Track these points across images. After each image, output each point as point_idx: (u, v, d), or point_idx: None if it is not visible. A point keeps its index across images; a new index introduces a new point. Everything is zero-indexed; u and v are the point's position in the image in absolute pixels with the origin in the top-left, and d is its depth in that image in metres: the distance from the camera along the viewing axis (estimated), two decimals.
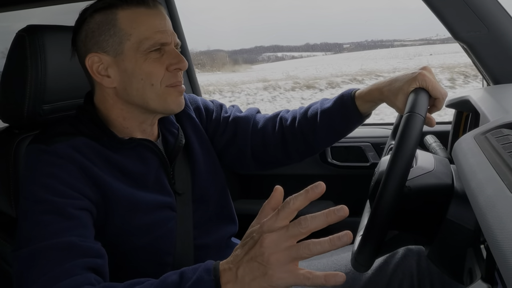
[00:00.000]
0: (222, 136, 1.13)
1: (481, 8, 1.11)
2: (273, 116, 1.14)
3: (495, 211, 0.49)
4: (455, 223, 0.75)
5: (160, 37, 0.90)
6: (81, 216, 0.82)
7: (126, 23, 0.89)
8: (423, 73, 0.90)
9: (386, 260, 1.06)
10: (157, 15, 0.92)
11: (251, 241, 0.63)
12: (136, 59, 0.90)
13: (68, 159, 0.85)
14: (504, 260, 0.42)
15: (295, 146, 1.10)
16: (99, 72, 0.91)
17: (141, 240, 0.92)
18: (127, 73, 0.90)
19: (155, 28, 0.90)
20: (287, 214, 0.61)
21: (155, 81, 0.91)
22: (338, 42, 7.51)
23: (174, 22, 1.78)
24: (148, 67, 0.90)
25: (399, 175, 0.70)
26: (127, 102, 0.94)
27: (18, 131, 1.06)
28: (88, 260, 0.77)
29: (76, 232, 0.79)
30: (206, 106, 1.16)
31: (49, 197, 0.81)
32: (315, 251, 0.59)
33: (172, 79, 0.92)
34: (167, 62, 0.91)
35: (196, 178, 1.05)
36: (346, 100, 1.03)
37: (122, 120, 0.95)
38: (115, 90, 0.93)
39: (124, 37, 0.89)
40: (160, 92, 0.92)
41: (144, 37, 0.89)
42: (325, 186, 0.60)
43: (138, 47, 0.89)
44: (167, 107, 0.94)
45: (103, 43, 0.90)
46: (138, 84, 0.91)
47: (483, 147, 0.67)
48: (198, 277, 0.65)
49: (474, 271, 0.67)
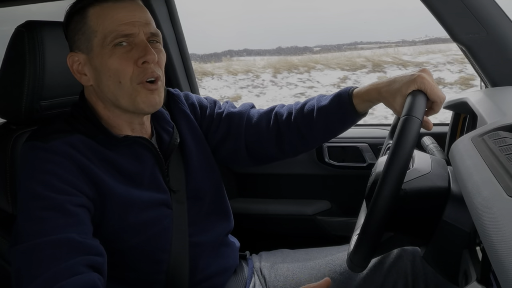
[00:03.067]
0: (216, 132, 1.13)
1: (480, 10, 1.11)
2: (267, 111, 1.14)
3: (491, 213, 0.49)
4: (451, 225, 0.75)
5: (123, 29, 0.88)
6: (79, 212, 0.82)
7: (93, 20, 0.89)
8: (422, 76, 0.89)
9: (381, 260, 1.07)
10: (124, 7, 0.90)
11: None
12: (102, 55, 0.88)
13: (65, 156, 0.85)
14: (500, 262, 0.43)
15: (291, 141, 1.10)
16: (79, 71, 0.93)
17: (137, 238, 0.92)
18: (97, 71, 0.90)
19: (119, 20, 0.88)
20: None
21: (122, 78, 0.88)
22: (308, 46, 7.73)
23: (173, 21, 1.77)
24: (114, 63, 0.88)
25: (395, 178, 0.70)
26: (105, 100, 0.93)
27: (15, 126, 1.06)
28: (89, 258, 0.77)
29: (75, 229, 0.79)
30: (200, 102, 1.16)
31: (48, 194, 0.81)
32: None
33: (142, 76, 0.89)
34: (135, 56, 0.89)
35: (191, 176, 1.05)
36: (343, 98, 1.02)
37: (108, 118, 0.95)
38: (93, 88, 0.93)
39: (92, 34, 0.89)
40: (129, 91, 0.89)
41: (107, 31, 0.88)
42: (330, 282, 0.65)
43: (103, 43, 0.88)
44: (137, 107, 0.91)
45: (78, 42, 0.91)
46: (108, 81, 0.89)
47: (480, 149, 0.68)
48: None
49: (469, 272, 0.67)
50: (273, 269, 1.15)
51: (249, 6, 13.59)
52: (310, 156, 1.70)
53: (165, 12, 1.76)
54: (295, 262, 1.14)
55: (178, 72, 1.79)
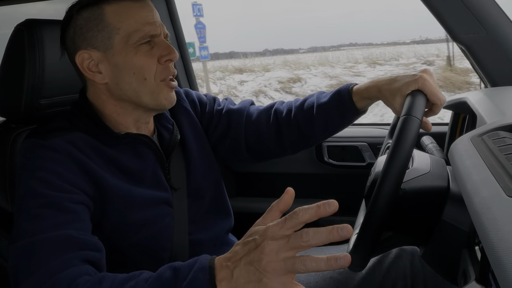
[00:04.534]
0: (215, 129, 1.14)
1: (480, 10, 1.11)
2: (267, 108, 1.14)
3: (490, 213, 0.49)
4: (450, 225, 0.75)
5: (149, 29, 0.90)
6: (78, 210, 0.82)
7: (113, 17, 0.89)
8: (423, 77, 0.88)
9: (380, 260, 1.07)
10: (144, 7, 0.92)
11: (253, 243, 0.62)
12: (126, 53, 0.89)
13: (65, 154, 0.85)
14: (498, 262, 0.43)
15: (290, 138, 1.10)
16: (90, 68, 0.91)
17: (138, 236, 0.92)
18: (119, 68, 0.90)
19: (144, 20, 0.90)
20: (293, 224, 0.61)
21: (148, 75, 0.90)
22: (294, 48, 8.30)
23: (174, 21, 1.78)
24: (139, 60, 0.89)
25: (394, 178, 0.70)
26: (120, 97, 0.93)
27: (15, 125, 1.06)
28: (85, 253, 0.77)
29: (73, 226, 0.79)
30: (200, 99, 1.16)
31: (46, 191, 0.81)
32: (310, 268, 0.59)
33: (165, 73, 0.92)
34: (158, 54, 0.91)
35: (191, 173, 1.05)
36: (343, 95, 1.02)
37: (116, 116, 0.95)
38: (107, 86, 0.93)
39: (113, 31, 0.89)
40: (153, 87, 0.91)
41: (133, 30, 0.89)
42: (338, 206, 0.60)
43: (127, 41, 0.89)
44: (159, 103, 0.93)
45: (92, 39, 0.90)
46: (131, 78, 0.90)
47: (480, 149, 0.68)
48: (193, 277, 0.65)
49: (468, 272, 0.67)
50: None
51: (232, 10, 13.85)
52: (309, 155, 1.70)
53: (165, 12, 1.76)
54: None
55: (178, 72, 1.80)
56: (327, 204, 0.59)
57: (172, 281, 0.66)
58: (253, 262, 0.60)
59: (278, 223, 0.61)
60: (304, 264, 0.59)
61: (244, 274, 0.61)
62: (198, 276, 0.65)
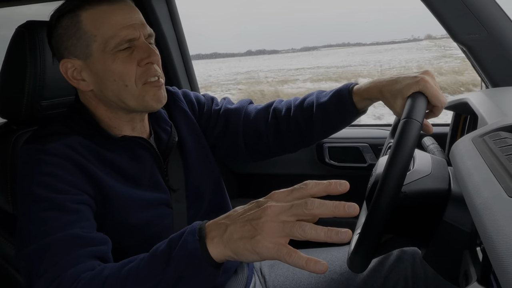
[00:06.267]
0: (214, 129, 1.14)
1: (481, 11, 1.11)
2: (265, 107, 1.14)
3: (491, 214, 0.49)
4: (451, 225, 0.75)
5: (126, 33, 0.87)
6: (81, 209, 0.82)
7: (89, 24, 0.87)
8: (425, 79, 0.88)
9: (381, 262, 1.07)
10: (120, 9, 0.89)
11: (255, 205, 0.61)
12: (105, 60, 0.87)
13: (63, 157, 0.85)
14: (500, 263, 0.43)
15: (289, 137, 1.10)
16: (74, 77, 0.91)
17: (138, 237, 0.92)
18: (99, 76, 0.89)
19: (119, 24, 0.87)
20: (300, 194, 0.60)
21: (128, 81, 0.88)
22: (276, 49, 8.28)
23: (174, 21, 1.77)
24: (118, 67, 0.87)
25: (394, 182, 0.70)
26: (108, 103, 0.93)
27: (16, 126, 1.06)
28: (92, 249, 0.77)
29: (78, 225, 0.80)
30: (198, 99, 1.16)
31: (49, 195, 0.81)
32: (309, 235, 0.57)
33: (146, 75, 0.89)
34: (138, 57, 0.89)
35: (190, 174, 1.05)
36: (343, 95, 1.02)
37: (109, 120, 0.95)
38: (94, 93, 0.92)
39: (90, 39, 0.87)
40: (136, 92, 0.89)
41: (109, 36, 0.87)
42: (349, 187, 0.58)
43: (104, 48, 0.87)
44: (147, 105, 0.91)
45: (72, 48, 0.89)
46: (112, 85, 0.89)
47: (481, 149, 0.68)
48: (183, 240, 0.65)
49: (469, 273, 0.67)
50: (273, 268, 1.14)
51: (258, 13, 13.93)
52: (310, 156, 1.70)
53: (166, 12, 1.76)
54: None
55: (178, 72, 1.80)
56: (338, 183, 0.58)
57: (165, 251, 0.66)
58: (251, 220, 0.59)
59: (285, 191, 0.61)
60: (303, 229, 0.57)
61: (238, 229, 0.60)
62: (188, 238, 0.65)
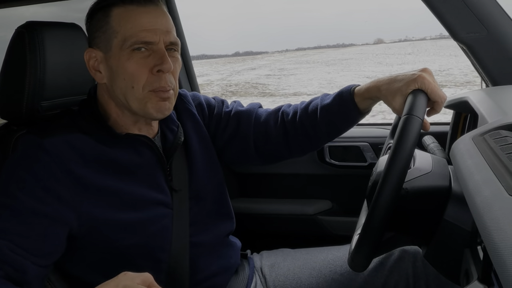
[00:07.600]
0: (224, 131, 1.14)
1: (481, 9, 1.11)
2: (275, 111, 1.15)
3: (492, 212, 0.49)
4: (452, 224, 0.75)
5: (144, 35, 0.88)
6: (37, 223, 0.83)
7: (116, 21, 0.90)
8: (423, 76, 0.88)
9: (382, 261, 1.07)
10: (147, 12, 0.90)
11: None
12: (120, 57, 0.89)
13: (54, 156, 0.86)
14: (501, 261, 0.43)
15: (297, 140, 1.11)
16: (94, 67, 0.94)
17: (135, 237, 0.92)
18: (112, 71, 0.91)
19: (141, 26, 0.89)
20: None
21: (136, 84, 0.89)
22: (265, 51, 8.35)
23: (174, 21, 1.77)
24: (131, 66, 0.89)
25: (396, 178, 0.70)
26: (116, 100, 0.94)
27: (16, 127, 1.06)
28: (6, 269, 0.78)
29: (15, 240, 0.80)
30: (208, 102, 1.16)
31: (16, 193, 0.82)
32: None
33: (155, 84, 0.90)
34: (152, 63, 0.89)
35: (193, 175, 1.05)
36: (345, 97, 1.03)
37: (117, 117, 0.96)
38: (107, 86, 0.94)
39: (113, 35, 0.90)
40: (140, 97, 0.90)
41: (128, 35, 0.88)
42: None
43: (122, 45, 0.89)
44: (147, 112, 0.92)
45: (97, 39, 0.92)
46: (121, 83, 0.90)
47: (481, 148, 0.67)
48: None
49: (470, 272, 0.67)
50: (273, 268, 1.15)
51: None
52: (311, 155, 1.70)
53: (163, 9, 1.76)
54: (295, 261, 1.14)
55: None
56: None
57: None
58: None
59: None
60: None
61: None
62: None
